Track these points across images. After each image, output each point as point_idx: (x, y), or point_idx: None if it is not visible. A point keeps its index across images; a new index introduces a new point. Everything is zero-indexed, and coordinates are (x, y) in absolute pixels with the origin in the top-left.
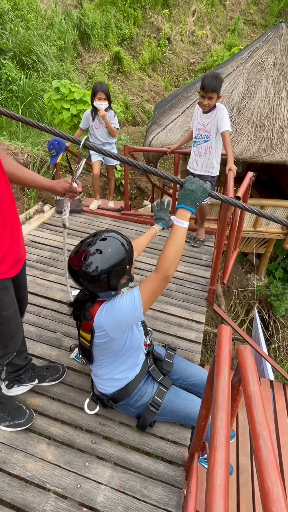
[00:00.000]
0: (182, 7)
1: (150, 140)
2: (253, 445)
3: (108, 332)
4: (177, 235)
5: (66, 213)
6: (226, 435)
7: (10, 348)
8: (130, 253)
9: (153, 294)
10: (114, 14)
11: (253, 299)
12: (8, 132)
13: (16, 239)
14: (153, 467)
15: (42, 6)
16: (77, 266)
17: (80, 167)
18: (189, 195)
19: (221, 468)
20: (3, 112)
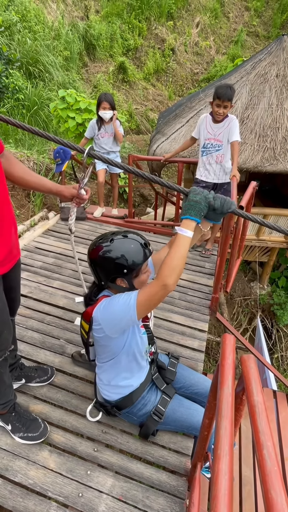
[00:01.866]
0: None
1: (154, 149)
2: (257, 455)
3: (103, 327)
4: (179, 244)
5: (73, 219)
6: (229, 444)
7: (0, 346)
8: (133, 264)
9: (149, 299)
10: (119, 25)
11: (256, 308)
12: (14, 139)
13: (6, 238)
14: (155, 477)
15: (49, 17)
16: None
17: (87, 175)
18: (193, 206)
19: (225, 477)
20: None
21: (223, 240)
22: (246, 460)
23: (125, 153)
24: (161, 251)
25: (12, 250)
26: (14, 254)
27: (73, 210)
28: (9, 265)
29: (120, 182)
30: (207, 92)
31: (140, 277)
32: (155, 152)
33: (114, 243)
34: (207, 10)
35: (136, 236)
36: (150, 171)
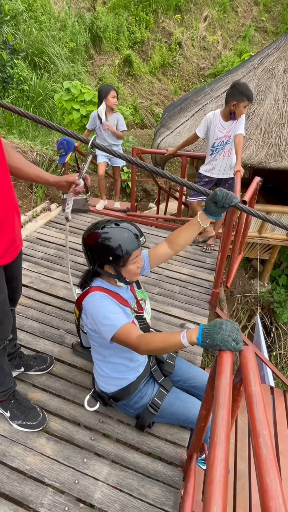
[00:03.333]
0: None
1: (158, 143)
2: (253, 443)
3: (88, 324)
4: (172, 343)
5: (69, 207)
6: (226, 433)
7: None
8: (120, 253)
9: (123, 342)
10: (126, 17)
11: (256, 305)
12: (18, 130)
13: (9, 228)
14: (151, 467)
15: (55, 8)
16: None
17: (87, 163)
18: (212, 337)
19: (221, 464)
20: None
21: (225, 235)
22: (241, 454)
23: (129, 147)
24: (159, 247)
25: (15, 240)
26: (17, 244)
27: (70, 198)
28: (12, 255)
29: (123, 176)
30: (213, 87)
31: (128, 267)
32: (159, 146)
33: (105, 229)
34: (216, 4)
35: (128, 225)
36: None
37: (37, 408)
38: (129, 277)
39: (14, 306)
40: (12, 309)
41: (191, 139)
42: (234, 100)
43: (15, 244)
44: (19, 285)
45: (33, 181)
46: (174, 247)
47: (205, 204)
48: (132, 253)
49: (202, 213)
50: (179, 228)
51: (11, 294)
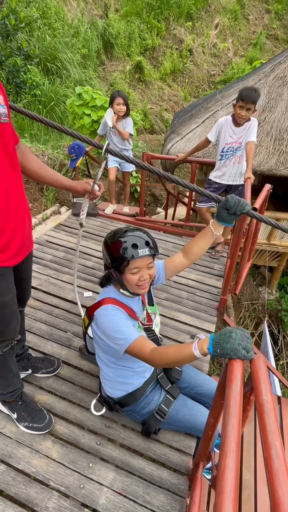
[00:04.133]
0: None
1: (169, 149)
2: (264, 454)
3: (100, 335)
4: (184, 355)
5: (84, 213)
6: (236, 442)
7: (6, 335)
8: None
9: (136, 355)
10: (138, 25)
11: (263, 313)
12: (29, 134)
13: (20, 230)
14: (157, 474)
15: (69, 15)
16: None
17: (101, 170)
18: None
19: (231, 473)
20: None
21: (234, 242)
22: (247, 464)
23: (138, 152)
24: (175, 257)
25: (25, 242)
26: (27, 246)
27: (86, 205)
28: (22, 257)
29: (131, 181)
30: (223, 94)
31: (126, 275)
32: (169, 151)
33: (116, 234)
34: (227, 12)
35: (138, 233)
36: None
37: (44, 410)
38: (130, 287)
39: (23, 307)
40: (21, 310)
41: (202, 145)
42: (235, 102)
43: (25, 245)
44: (28, 286)
45: (48, 184)
46: (190, 257)
47: (217, 211)
48: (130, 262)
49: (214, 221)
50: (194, 238)
51: (20, 295)
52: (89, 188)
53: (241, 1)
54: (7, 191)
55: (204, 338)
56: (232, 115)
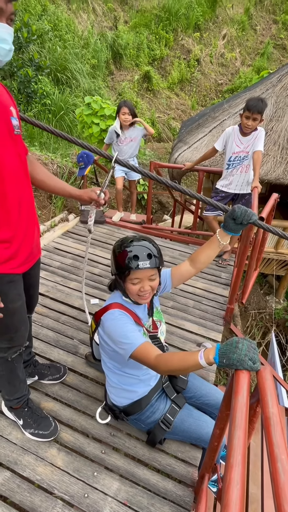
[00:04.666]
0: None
1: (176, 157)
2: (270, 468)
3: (106, 340)
4: (190, 363)
5: (92, 220)
6: (243, 454)
7: (16, 342)
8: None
9: (141, 360)
10: (146, 36)
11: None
12: (39, 142)
13: (30, 237)
14: (162, 485)
15: (79, 27)
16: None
17: (108, 179)
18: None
19: (237, 487)
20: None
21: (241, 250)
22: (254, 477)
23: (146, 160)
24: (181, 265)
25: (34, 250)
26: (35, 254)
27: (93, 211)
28: (30, 264)
29: (139, 188)
30: (231, 103)
31: (127, 285)
32: (177, 160)
33: (121, 243)
34: (235, 23)
35: (144, 243)
36: (170, 179)
37: (50, 417)
38: (131, 296)
39: (30, 314)
40: (29, 316)
41: (209, 154)
42: (241, 112)
43: (34, 253)
44: (36, 293)
45: (56, 193)
46: (196, 265)
47: (223, 221)
48: (131, 272)
49: (221, 230)
50: (200, 247)
51: (28, 301)
52: (95, 196)
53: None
54: (20, 200)
55: (210, 347)
56: (239, 125)
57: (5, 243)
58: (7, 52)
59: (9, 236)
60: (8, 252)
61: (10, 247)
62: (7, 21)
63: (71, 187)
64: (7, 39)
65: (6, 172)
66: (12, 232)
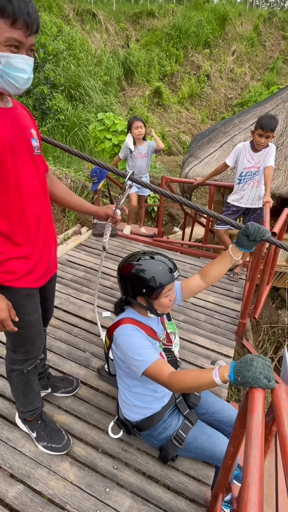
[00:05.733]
0: (223, 47)
1: (187, 172)
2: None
3: (118, 354)
4: (205, 381)
5: (107, 237)
6: (259, 474)
7: (31, 354)
8: (153, 286)
9: (153, 378)
10: (157, 53)
11: (283, 337)
12: (52, 157)
13: (47, 253)
14: (174, 503)
15: (93, 46)
16: (122, 265)
17: (124, 196)
18: (244, 374)
19: (254, 507)
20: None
21: (253, 265)
22: (269, 500)
23: (156, 173)
24: (192, 279)
25: (50, 264)
26: (52, 268)
27: (108, 228)
28: (47, 278)
29: (149, 201)
30: (241, 118)
31: (160, 300)
32: (187, 175)
33: (140, 262)
34: (244, 39)
35: (163, 258)
36: (181, 192)
37: (62, 431)
38: (160, 310)
39: (45, 326)
40: (44, 329)
41: (220, 169)
42: (253, 129)
43: (51, 267)
44: (51, 306)
45: (74, 209)
46: (207, 280)
47: (237, 237)
48: (165, 287)
49: (233, 246)
50: (212, 261)
51: (44, 314)
52: (111, 212)
53: (257, 29)
54: (39, 218)
55: (224, 364)
56: (250, 142)
57: (24, 259)
58: (26, 81)
59: (28, 252)
60: (27, 267)
61: (28, 262)
62: (27, 51)
63: (88, 203)
64: (25, 69)
65: (26, 191)
66: (31, 248)
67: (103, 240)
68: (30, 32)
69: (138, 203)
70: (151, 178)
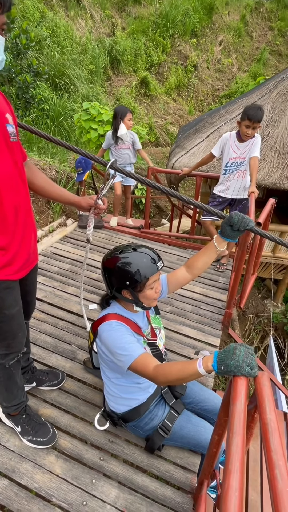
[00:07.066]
0: (210, 37)
1: (173, 163)
2: (268, 474)
3: (103, 350)
4: (189, 372)
5: (90, 229)
6: (241, 461)
7: (13, 348)
8: (137, 278)
9: (140, 373)
10: (144, 42)
11: (269, 326)
12: (37, 147)
13: (26, 244)
14: (160, 491)
15: (77, 33)
16: (106, 259)
17: (107, 187)
18: (228, 363)
19: (235, 494)
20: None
21: (238, 255)
22: (253, 484)
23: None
24: (177, 271)
25: (31, 256)
26: (32, 260)
27: (91, 220)
28: (27, 270)
29: (137, 193)
30: (228, 109)
31: (145, 292)
32: (174, 166)
33: (123, 254)
34: (231, 29)
35: (146, 250)
36: (168, 184)
37: (48, 424)
38: (146, 302)
39: (28, 320)
40: (26, 322)
41: (207, 159)
42: (239, 120)
43: (31, 259)
44: (33, 299)
45: (55, 199)
46: (193, 271)
47: (221, 227)
48: (149, 278)
49: (218, 237)
50: (197, 252)
51: (25, 307)
52: (93, 203)
53: (244, 19)
54: (17, 207)
55: (208, 354)
56: (237, 132)
57: (2, 250)
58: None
59: (6, 243)
60: (5, 258)
61: (7, 253)
62: None
63: (70, 193)
64: None
65: (2, 179)
66: (9, 238)
67: (87, 232)
68: (2, 10)
69: (124, 194)
70: (138, 170)
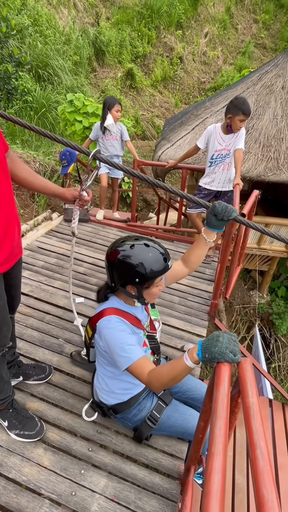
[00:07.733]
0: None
1: (159, 155)
2: (250, 454)
3: (103, 346)
4: (180, 369)
5: (75, 222)
6: (223, 444)
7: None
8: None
9: (136, 376)
10: (129, 33)
11: (255, 317)
12: (21, 140)
13: (10, 237)
14: (149, 479)
15: (60, 23)
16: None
17: (91, 178)
18: (211, 351)
19: (218, 475)
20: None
21: (224, 247)
22: (240, 468)
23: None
24: (175, 265)
25: (14, 249)
26: (16, 253)
27: (76, 212)
28: (11, 264)
29: (124, 187)
30: (213, 101)
31: (151, 289)
32: (160, 158)
33: (135, 249)
34: (216, 21)
35: (157, 246)
36: (154, 177)
37: (35, 418)
38: (149, 299)
39: (13, 314)
40: (11, 316)
41: (192, 151)
42: (230, 114)
43: (15, 252)
44: (18, 293)
45: (38, 191)
46: (189, 265)
47: (206, 217)
48: (158, 277)
49: (205, 228)
50: (190, 246)
51: (10, 302)
52: (77, 194)
53: (229, 11)
54: None
55: (192, 346)
56: (222, 124)
57: None
58: None
59: None
60: None
61: None
62: None
63: (54, 185)
64: None
65: None
66: None
67: (72, 225)
68: None
69: (111, 187)
70: (125, 163)
